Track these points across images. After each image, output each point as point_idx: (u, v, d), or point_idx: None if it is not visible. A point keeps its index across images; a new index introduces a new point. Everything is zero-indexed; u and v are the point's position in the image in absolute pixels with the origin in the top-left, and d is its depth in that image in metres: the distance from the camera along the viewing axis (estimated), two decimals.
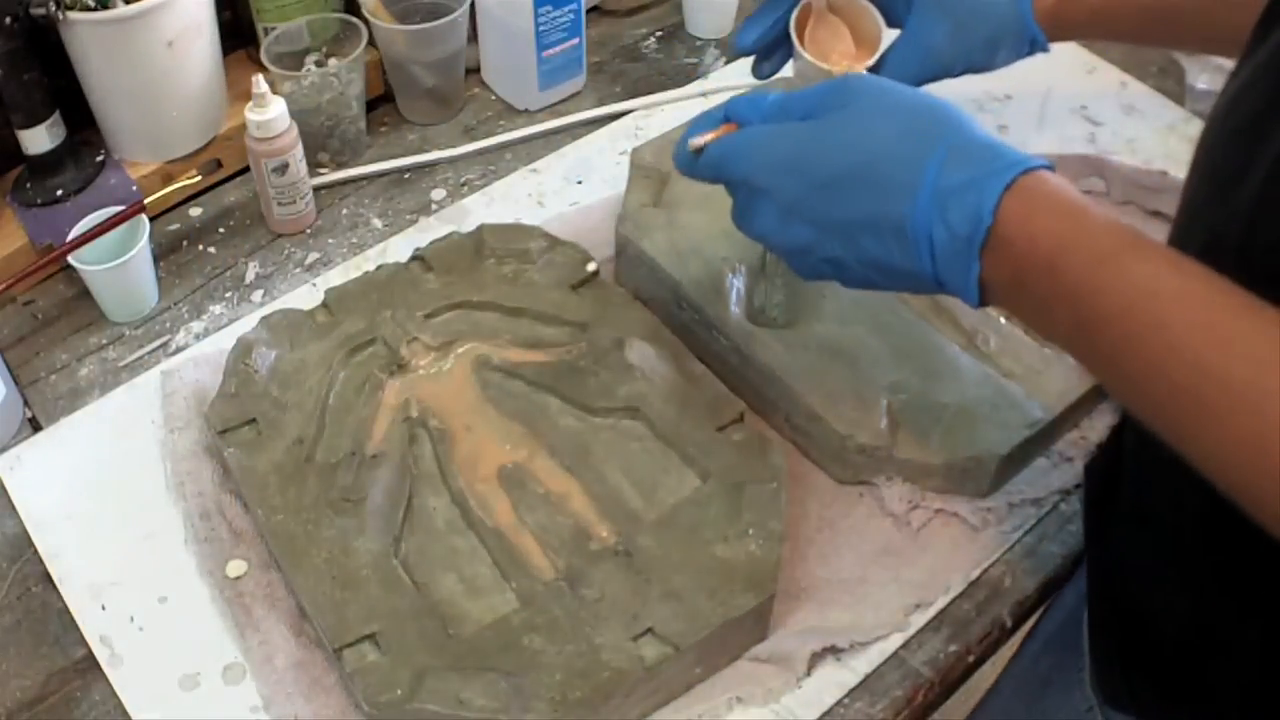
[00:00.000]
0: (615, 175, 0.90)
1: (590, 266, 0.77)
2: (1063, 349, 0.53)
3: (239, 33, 0.94)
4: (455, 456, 0.69)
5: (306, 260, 0.87)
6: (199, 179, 0.86)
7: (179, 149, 0.89)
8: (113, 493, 0.71)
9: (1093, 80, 0.98)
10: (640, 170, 0.83)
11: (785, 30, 0.73)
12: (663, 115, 0.97)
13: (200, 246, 0.88)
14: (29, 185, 0.85)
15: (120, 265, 0.79)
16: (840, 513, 0.70)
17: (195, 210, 0.90)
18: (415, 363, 0.73)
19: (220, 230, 0.89)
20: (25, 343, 0.82)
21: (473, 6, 0.95)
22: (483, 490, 0.67)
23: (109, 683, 0.63)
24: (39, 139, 0.82)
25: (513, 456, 0.69)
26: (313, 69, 0.91)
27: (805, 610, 0.65)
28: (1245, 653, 0.54)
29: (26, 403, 0.77)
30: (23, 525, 0.70)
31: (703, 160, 0.59)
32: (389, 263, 0.79)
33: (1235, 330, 0.44)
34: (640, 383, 0.70)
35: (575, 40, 0.96)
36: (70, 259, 0.79)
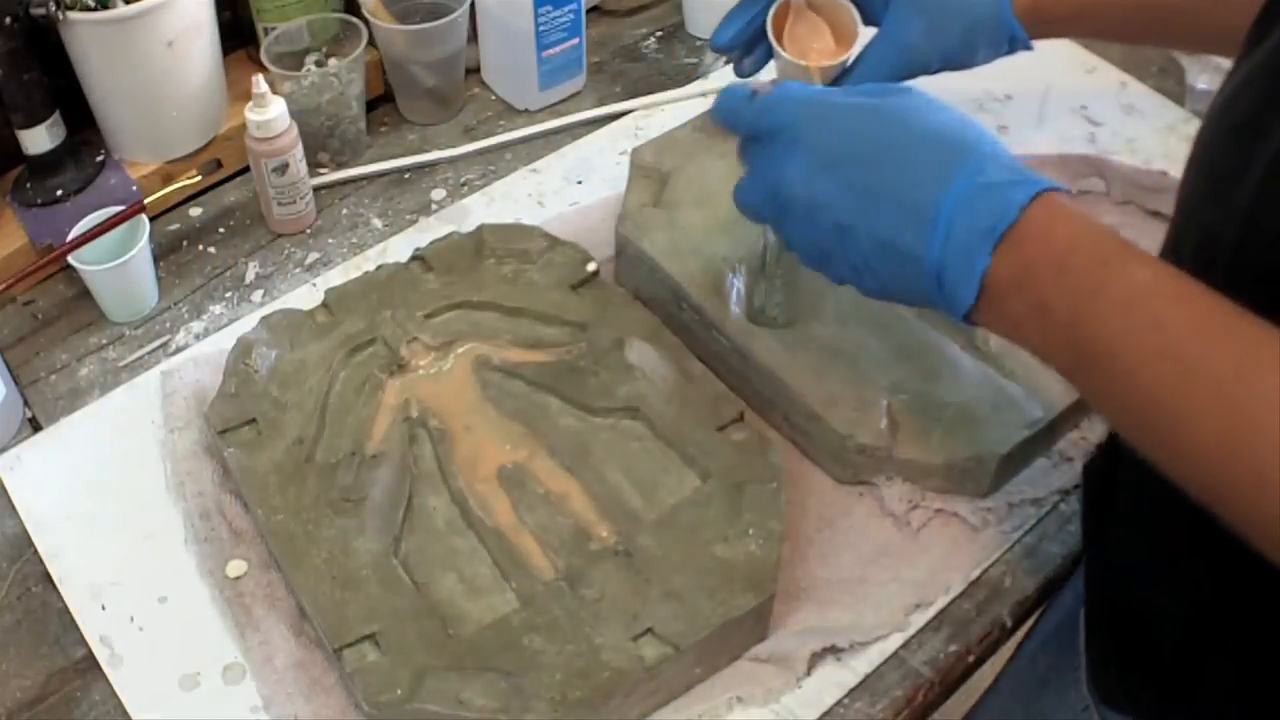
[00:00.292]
0: (615, 175, 0.90)
1: (590, 266, 0.77)
2: (1044, 355, 0.53)
3: (239, 33, 0.94)
4: (455, 456, 0.68)
5: (306, 260, 0.87)
6: (199, 179, 0.86)
7: (179, 149, 0.89)
8: (113, 493, 0.71)
9: (1092, 80, 0.98)
10: (640, 170, 0.83)
11: (762, 28, 0.72)
12: (663, 115, 0.97)
13: (200, 246, 0.88)
14: (29, 185, 0.85)
15: (120, 265, 0.79)
16: (840, 512, 0.70)
17: (195, 210, 0.90)
18: (415, 363, 0.73)
19: (220, 230, 0.89)
20: (25, 343, 0.82)
21: (473, 6, 0.95)
22: (483, 490, 0.67)
23: (109, 683, 0.63)
24: (39, 139, 0.82)
25: (513, 456, 0.69)
26: (313, 69, 0.91)
27: (805, 610, 0.65)
28: (1241, 653, 0.55)
29: (26, 403, 0.77)
30: (23, 525, 0.70)
31: (761, 102, 0.61)
32: (389, 263, 0.79)
33: (1231, 333, 0.45)
34: (640, 383, 0.70)
35: (575, 40, 0.96)
36: (70, 259, 0.79)
